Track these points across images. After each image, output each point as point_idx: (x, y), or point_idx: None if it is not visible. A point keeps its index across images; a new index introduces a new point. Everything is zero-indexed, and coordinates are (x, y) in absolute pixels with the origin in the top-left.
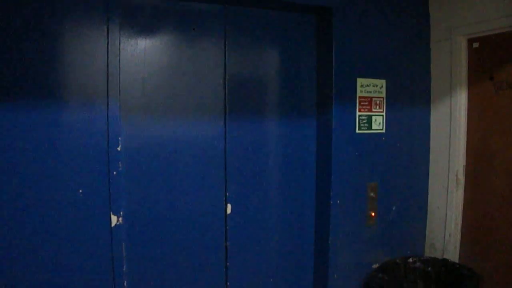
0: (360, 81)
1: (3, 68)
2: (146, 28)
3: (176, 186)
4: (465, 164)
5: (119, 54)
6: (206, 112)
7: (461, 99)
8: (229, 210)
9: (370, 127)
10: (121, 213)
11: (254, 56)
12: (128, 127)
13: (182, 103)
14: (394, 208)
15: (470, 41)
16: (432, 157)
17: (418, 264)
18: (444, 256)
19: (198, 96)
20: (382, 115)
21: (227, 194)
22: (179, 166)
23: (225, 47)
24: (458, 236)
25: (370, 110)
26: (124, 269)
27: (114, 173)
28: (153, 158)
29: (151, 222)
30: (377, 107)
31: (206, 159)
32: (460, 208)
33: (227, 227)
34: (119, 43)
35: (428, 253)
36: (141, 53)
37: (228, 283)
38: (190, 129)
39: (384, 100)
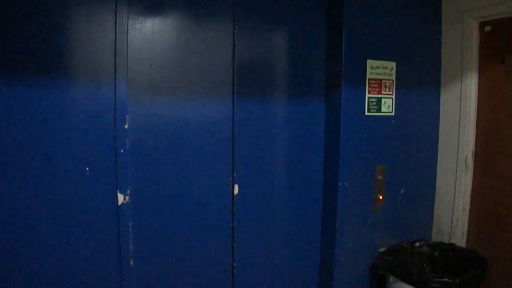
0: (370, 62)
1: (10, 45)
2: (154, 6)
3: (184, 165)
4: (474, 148)
5: (127, 31)
6: (214, 92)
7: (472, 83)
8: (236, 191)
9: (379, 110)
10: (128, 191)
11: (263, 35)
12: (136, 106)
13: (190, 82)
14: (402, 192)
15: (482, 25)
16: (441, 141)
17: (425, 248)
18: (451, 241)
19: (206, 76)
20: (392, 98)
21: (235, 174)
22: (186, 145)
23: (234, 26)
24: (466, 221)
25: (379, 93)
26: (130, 248)
27: (121, 151)
28: (160, 137)
29: (158, 201)
30: (387, 89)
31: (213, 139)
32: (468, 193)
33: (234, 208)
34: (127, 20)
35: (435, 237)
36: (149, 31)
37: (234, 264)
38: (198, 109)
39: (394, 83)
